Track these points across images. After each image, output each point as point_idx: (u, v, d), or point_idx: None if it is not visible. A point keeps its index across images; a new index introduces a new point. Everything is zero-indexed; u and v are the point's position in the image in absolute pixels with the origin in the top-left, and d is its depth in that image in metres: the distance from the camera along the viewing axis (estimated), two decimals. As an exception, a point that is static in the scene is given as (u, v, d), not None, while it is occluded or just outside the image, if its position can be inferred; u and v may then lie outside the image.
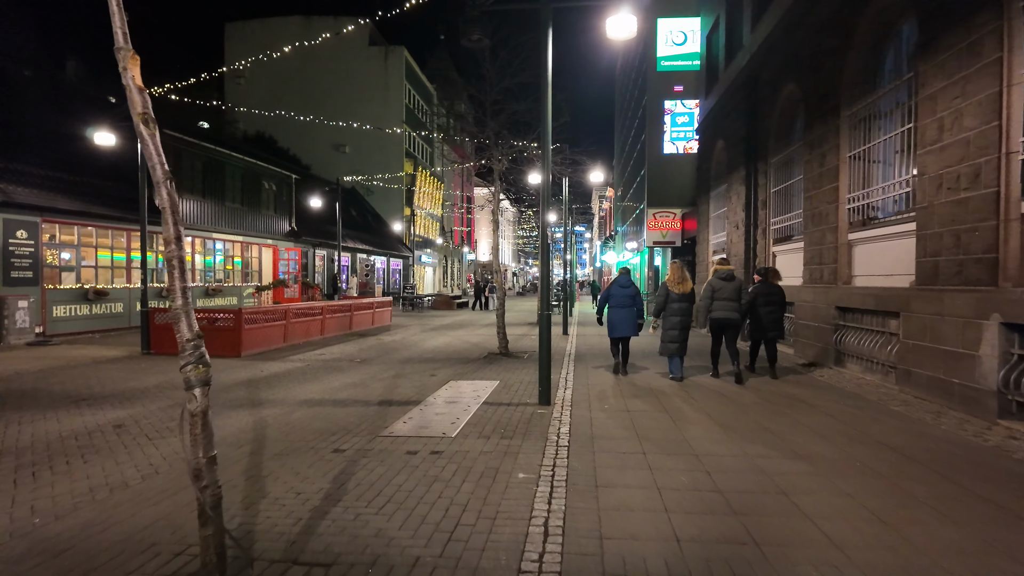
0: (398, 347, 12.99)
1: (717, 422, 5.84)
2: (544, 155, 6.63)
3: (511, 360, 10.61)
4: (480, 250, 67.97)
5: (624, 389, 7.66)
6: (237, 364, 10.26)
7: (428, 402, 6.87)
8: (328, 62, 40.71)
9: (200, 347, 2.54)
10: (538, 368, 6.77)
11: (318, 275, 27.22)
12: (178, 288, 2.50)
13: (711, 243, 17.56)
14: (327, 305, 15.40)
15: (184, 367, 2.51)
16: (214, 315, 11.91)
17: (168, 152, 17.70)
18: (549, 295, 6.83)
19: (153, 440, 5.33)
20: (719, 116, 16.26)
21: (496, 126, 10.83)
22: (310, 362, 10.59)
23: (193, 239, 18.66)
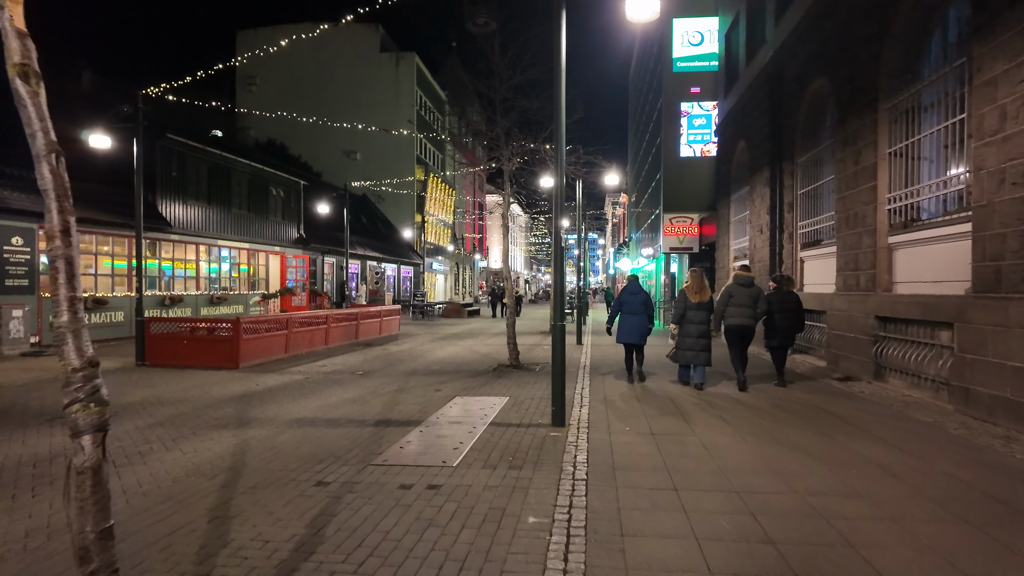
0: (404, 358, 12.39)
1: (753, 447, 5.14)
2: (558, 148, 6.01)
3: (522, 373, 9.96)
4: (492, 257, 67.48)
5: (646, 406, 6.97)
6: (232, 377, 9.71)
7: (430, 422, 6.24)
8: (339, 69, 40.59)
9: (93, 379, 1.92)
10: (551, 384, 6.12)
11: (327, 283, 26.78)
12: (63, 299, 1.89)
13: (732, 248, 16.81)
14: (332, 314, 14.86)
15: (69, 405, 1.90)
16: (212, 324, 11.39)
17: (172, 157, 17.38)
18: (563, 304, 6.18)
19: (119, 467, 4.75)
20: (740, 116, 15.56)
21: (506, 124, 10.24)
22: (310, 374, 10.01)
23: (197, 246, 18.26)
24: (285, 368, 10.81)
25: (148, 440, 5.62)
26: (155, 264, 16.87)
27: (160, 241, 16.80)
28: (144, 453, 5.17)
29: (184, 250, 17.90)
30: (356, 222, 31.41)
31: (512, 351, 10.63)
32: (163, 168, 16.81)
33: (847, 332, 9.37)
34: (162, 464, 4.84)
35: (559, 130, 5.95)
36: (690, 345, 8.11)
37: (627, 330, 8.66)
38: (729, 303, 8.18)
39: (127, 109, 10.94)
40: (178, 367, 10.70)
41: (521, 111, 10.58)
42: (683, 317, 8.20)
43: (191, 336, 11.16)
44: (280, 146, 39.87)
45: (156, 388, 8.58)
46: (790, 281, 8.74)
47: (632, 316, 8.61)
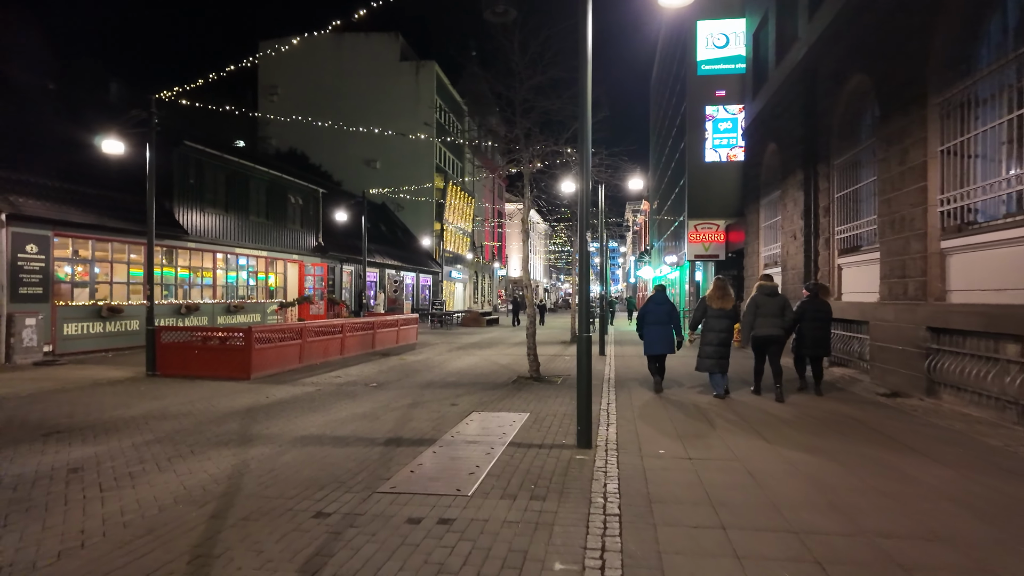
0: (420, 368, 11.96)
1: (806, 475, 4.57)
2: (583, 145, 5.52)
3: (543, 386, 9.45)
4: (511, 266, 67.09)
5: (679, 424, 6.41)
6: (243, 388, 9.36)
7: (444, 441, 5.76)
8: (359, 78, 40.72)
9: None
10: (576, 401, 5.61)
11: (345, 291, 26.57)
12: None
13: (762, 255, 16.13)
14: (347, 323, 14.51)
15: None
16: (223, 334, 11.09)
17: (190, 165, 17.27)
18: (589, 313, 5.68)
19: (105, 491, 4.36)
20: (769, 118, 14.94)
21: (527, 124, 9.80)
22: (322, 386, 9.62)
23: (215, 254, 18.12)
24: (297, 379, 10.45)
25: (143, 459, 5.23)
26: (172, 272, 16.72)
27: (177, 249, 16.67)
28: (135, 475, 4.78)
29: (201, 258, 17.76)
30: (375, 230, 31.25)
31: (532, 362, 10.13)
32: (180, 175, 16.70)
33: (893, 344, 8.69)
34: (151, 488, 4.43)
35: (584, 124, 5.47)
36: (709, 353, 8.05)
37: (653, 340, 8.58)
38: (757, 314, 8.09)
39: (141, 114, 10.73)
40: (189, 378, 10.40)
41: (542, 112, 10.13)
42: (703, 324, 8.18)
43: (202, 346, 10.87)
44: (301, 155, 40.05)
45: (162, 400, 8.25)
46: (825, 289, 8.72)
47: (658, 326, 8.53)
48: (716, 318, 8.11)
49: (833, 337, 11.28)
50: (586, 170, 5.55)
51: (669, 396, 8.43)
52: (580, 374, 5.50)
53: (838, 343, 11.14)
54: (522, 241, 10.12)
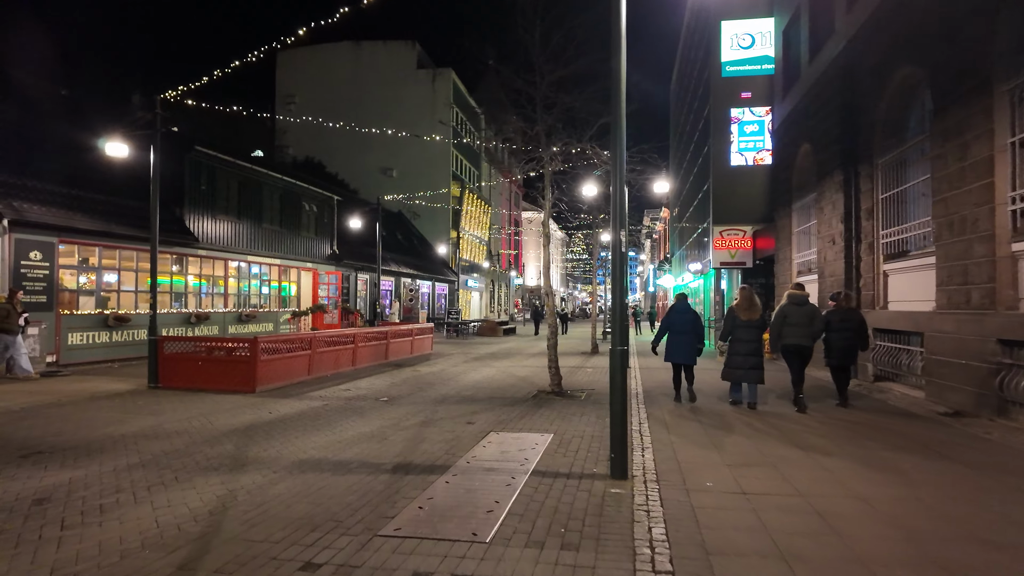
0: (434, 381, 11.33)
1: (887, 517, 3.83)
2: (616, 138, 4.87)
3: (566, 402, 8.75)
4: (528, 274, 66.49)
5: (722, 447, 5.68)
6: (246, 403, 8.80)
7: (459, 468, 5.10)
8: (376, 86, 40.60)
9: None
10: (610, 424, 4.91)
11: (360, 300, 26.12)
12: None
13: (795, 262, 15.29)
14: (360, 332, 13.95)
15: None
16: (228, 345, 10.57)
17: (201, 171, 16.95)
18: (626, 325, 5.00)
19: (66, 530, 3.77)
20: (802, 117, 14.16)
21: (548, 120, 9.18)
22: (329, 401, 9.03)
23: (226, 262, 17.73)
24: (305, 392, 9.87)
25: (120, 488, 4.65)
26: (182, 281, 16.35)
27: (187, 257, 16.29)
28: (107, 508, 4.18)
29: (213, 266, 17.38)
30: (391, 238, 30.85)
31: (554, 376, 9.44)
32: (192, 181, 16.36)
33: (955, 358, 7.86)
34: (120, 527, 3.83)
35: (618, 110, 4.82)
36: (739, 363, 7.97)
37: (675, 349, 8.55)
38: (784, 323, 8.06)
39: (146, 116, 10.32)
40: (192, 390, 9.88)
41: (564, 108, 9.50)
42: (731, 334, 8.11)
43: (207, 357, 10.36)
44: (318, 164, 39.92)
45: (159, 416, 7.71)
46: (850, 298, 8.49)
47: (680, 335, 8.50)
48: (744, 328, 8.01)
49: (878, 349, 10.47)
50: (621, 158, 4.90)
51: (702, 411, 7.70)
52: (613, 395, 4.81)
53: (884, 355, 10.31)
54: (542, 247, 9.46)
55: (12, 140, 12.71)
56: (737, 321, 8.06)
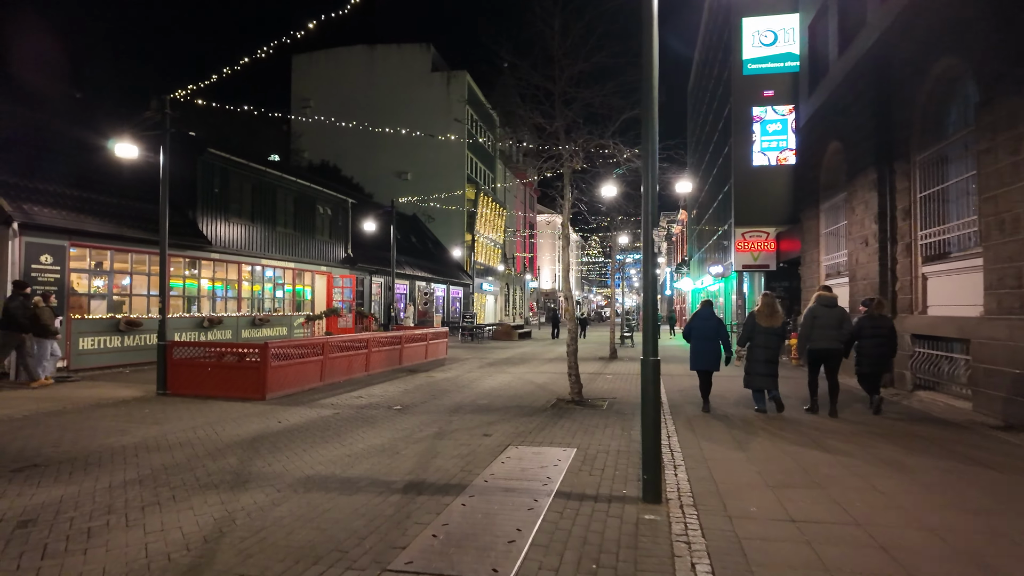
0: (449, 388, 10.95)
1: (967, 556, 3.36)
2: (648, 125, 4.46)
3: (587, 412, 8.32)
4: (543, 278, 66.03)
5: (760, 464, 5.22)
6: (255, 411, 8.49)
7: (476, 487, 4.70)
8: (390, 89, 40.48)
9: None
10: (638, 438, 4.49)
11: (374, 304, 25.88)
12: None
13: (823, 265, 14.71)
14: (373, 337, 13.63)
15: None
16: (238, 350, 10.30)
17: (214, 173, 16.78)
18: (658, 333, 4.57)
19: (46, 559, 3.43)
20: (831, 113, 13.60)
21: (569, 115, 8.77)
22: (341, 409, 8.69)
23: (240, 265, 17.54)
24: (316, 400, 9.55)
25: (112, 508, 4.31)
26: (195, 284, 16.17)
27: (200, 260, 16.11)
28: (96, 531, 3.85)
29: (226, 269, 17.20)
30: (405, 242, 30.62)
31: (574, 384, 9.02)
32: (204, 184, 16.19)
33: (1008, 368, 7.31)
34: (107, 554, 3.49)
35: (650, 98, 4.41)
36: (759, 370, 7.91)
37: (698, 357, 8.35)
38: (814, 325, 7.93)
39: (155, 115, 10.09)
40: (200, 398, 9.60)
41: (584, 104, 9.09)
42: (751, 341, 8.01)
43: (216, 363, 10.09)
44: (333, 168, 39.90)
45: (164, 425, 7.41)
46: (882, 304, 8.29)
47: (703, 342, 8.29)
48: (765, 335, 7.92)
49: (917, 356, 9.92)
50: (652, 151, 4.48)
51: (732, 421, 7.24)
52: (645, 409, 4.38)
53: (923, 363, 9.75)
54: (561, 249, 9.04)
55: (22, 142, 12.58)
56: (758, 328, 7.96)
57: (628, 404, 8.98)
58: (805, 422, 7.45)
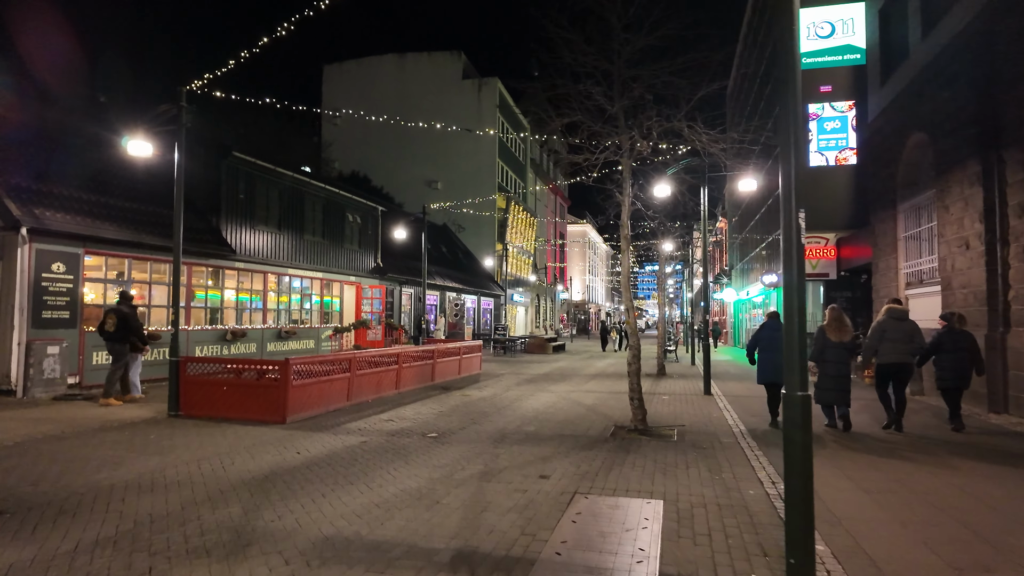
0: (488, 409, 9.79)
1: None
2: (790, 80, 3.27)
3: (656, 444, 7.05)
4: (573, 289, 64.65)
5: (929, 531, 3.90)
6: (272, 437, 7.45)
7: (545, 564, 3.50)
8: (421, 97, 39.93)
9: None
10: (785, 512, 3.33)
11: (404, 315, 24.94)
12: None
13: (901, 272, 13.15)
14: (404, 352, 12.57)
15: None
16: (258, 367, 9.32)
17: (240, 178, 16.04)
18: (805, 356, 3.34)
19: None
20: (914, 102, 12.14)
21: (637, 92, 7.58)
22: (369, 436, 7.59)
23: (265, 275, 16.73)
24: (341, 424, 8.48)
25: (66, 587, 3.24)
26: (217, 295, 15.39)
27: (224, 269, 15.34)
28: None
29: (251, 279, 16.41)
30: (436, 252, 29.73)
31: (637, 410, 7.76)
32: (229, 190, 15.45)
33: None
34: None
35: (791, 51, 3.21)
36: (830, 385, 7.75)
37: (767, 368, 8.18)
38: (883, 339, 7.81)
39: (171, 109, 9.26)
40: (214, 420, 8.63)
41: (648, 83, 7.88)
42: (822, 355, 7.87)
43: (233, 381, 9.11)
44: (363, 178, 39.41)
45: (167, 455, 6.41)
46: (963, 320, 8.14)
47: (774, 354, 8.03)
48: (835, 349, 7.78)
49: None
50: (796, 121, 3.28)
51: (826, 443, 5.87)
52: (791, 467, 3.11)
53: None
54: (624, 247, 7.84)
55: (33, 142, 11.93)
56: (828, 342, 7.80)
57: (702, 434, 7.68)
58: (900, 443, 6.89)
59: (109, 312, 9.67)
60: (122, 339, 9.64)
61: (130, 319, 9.75)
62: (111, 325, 9.52)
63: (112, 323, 9.52)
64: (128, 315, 9.72)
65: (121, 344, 9.69)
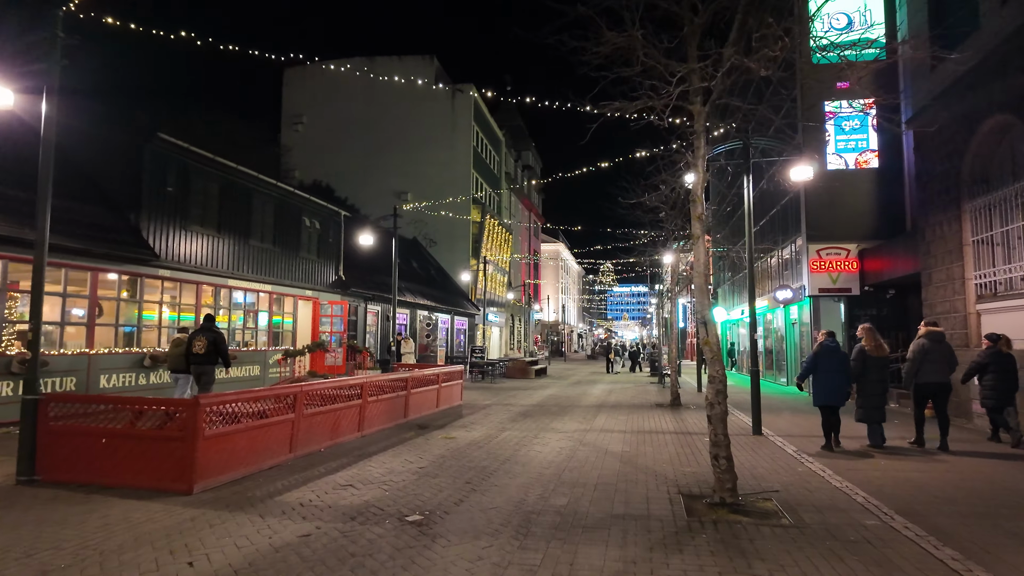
0: (486, 462, 7.14)
1: None
2: None
3: (770, 531, 4.51)
4: (546, 309, 62.35)
5: None
6: (164, 526, 4.65)
7: None
8: (390, 104, 37.36)
9: None
10: None
11: (370, 336, 22.02)
12: None
13: (970, 282, 11.04)
14: (370, 381, 9.80)
15: None
16: (155, 408, 6.47)
17: (170, 169, 13.08)
18: None
19: None
20: (991, 79, 10.16)
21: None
22: (317, 519, 4.87)
23: (199, 286, 13.71)
24: (278, 494, 5.71)
25: None
26: (135, 310, 12.35)
27: (143, 278, 12.32)
28: None
29: (180, 291, 13.41)
30: (406, 267, 26.97)
31: (724, 473, 5.22)
32: (154, 181, 12.52)
33: None
34: None
35: None
36: (875, 403, 7.98)
37: (830, 390, 7.99)
38: (925, 360, 8.01)
39: (40, 40, 6.46)
40: (85, 489, 5.77)
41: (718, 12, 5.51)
42: (862, 375, 8.04)
43: (118, 431, 6.24)
44: (326, 188, 36.38)
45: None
46: (1009, 343, 8.40)
47: (831, 375, 7.99)
48: (876, 368, 8.03)
49: None
50: None
51: None
52: None
53: None
54: (697, 226, 5.34)
55: None
56: (869, 360, 8.00)
57: (817, 508, 5.18)
58: None
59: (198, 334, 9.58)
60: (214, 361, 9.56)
61: (223, 347, 9.72)
62: (200, 347, 9.40)
63: (202, 345, 9.40)
64: (220, 343, 9.64)
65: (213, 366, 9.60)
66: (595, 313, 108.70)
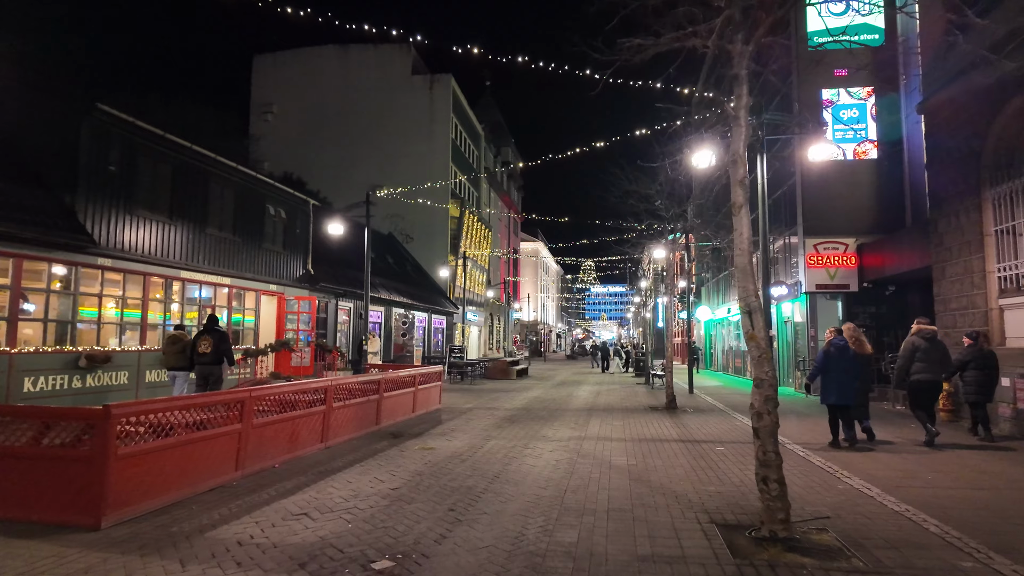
0: (471, 480, 6.02)
1: None
2: None
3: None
4: (525, 309, 61.35)
5: None
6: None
7: None
8: (365, 93, 35.95)
9: None
10: None
11: (340, 334, 20.68)
12: None
13: (993, 275, 10.24)
14: (336, 384, 8.57)
15: None
16: (48, 420, 5.19)
17: (112, 146, 11.59)
18: None
19: None
20: (1013, 56, 9.36)
21: None
22: (259, 566, 3.72)
23: (146, 278, 12.29)
24: (211, 528, 4.51)
25: None
26: (68, 302, 10.92)
27: (80, 267, 10.91)
28: None
29: (123, 283, 11.99)
30: (381, 262, 25.67)
31: (775, 501, 4.18)
32: (93, 160, 11.10)
33: None
34: None
35: None
36: (862, 401, 8.17)
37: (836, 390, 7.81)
38: (915, 358, 8.17)
39: None
40: (-45, 527, 4.48)
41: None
42: None
43: (10, 450, 4.96)
44: (297, 181, 34.70)
45: None
46: (988, 339, 8.86)
47: (841, 375, 7.81)
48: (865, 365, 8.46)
49: None
50: None
51: None
52: None
53: None
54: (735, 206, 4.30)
55: None
56: (859, 359, 8.14)
57: (883, 540, 4.18)
58: None
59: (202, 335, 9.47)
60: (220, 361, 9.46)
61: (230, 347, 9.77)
62: (206, 347, 9.30)
63: (207, 345, 9.30)
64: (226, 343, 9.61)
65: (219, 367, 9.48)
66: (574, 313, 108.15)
